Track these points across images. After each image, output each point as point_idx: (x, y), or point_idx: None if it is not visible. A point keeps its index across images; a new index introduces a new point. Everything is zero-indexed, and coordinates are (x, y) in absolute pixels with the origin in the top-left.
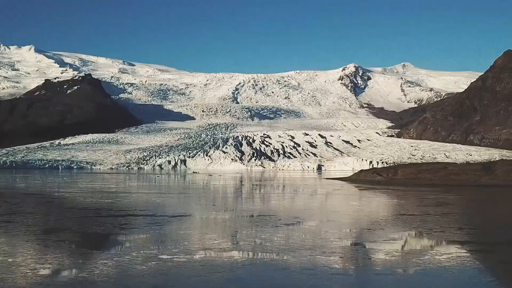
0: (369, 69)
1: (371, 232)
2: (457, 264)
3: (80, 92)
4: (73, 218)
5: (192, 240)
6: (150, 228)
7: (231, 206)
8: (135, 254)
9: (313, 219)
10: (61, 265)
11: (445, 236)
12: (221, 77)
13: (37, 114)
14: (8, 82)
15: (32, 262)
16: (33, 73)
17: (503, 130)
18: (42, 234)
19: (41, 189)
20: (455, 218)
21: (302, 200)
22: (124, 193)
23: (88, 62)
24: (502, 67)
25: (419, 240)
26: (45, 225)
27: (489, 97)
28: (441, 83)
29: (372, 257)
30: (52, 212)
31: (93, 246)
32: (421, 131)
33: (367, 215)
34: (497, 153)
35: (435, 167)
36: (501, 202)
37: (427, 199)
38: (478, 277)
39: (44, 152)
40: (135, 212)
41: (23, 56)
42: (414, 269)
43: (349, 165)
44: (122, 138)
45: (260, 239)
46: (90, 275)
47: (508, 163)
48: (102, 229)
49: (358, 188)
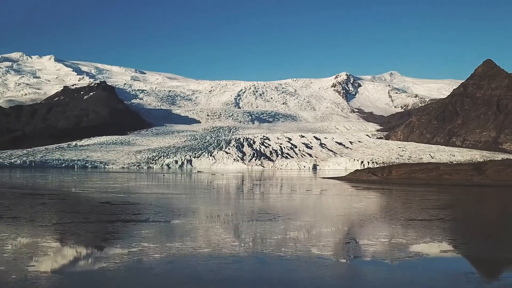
0: (359, 77)
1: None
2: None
3: (95, 98)
4: (91, 211)
5: (198, 232)
6: (160, 220)
7: (237, 202)
8: (146, 245)
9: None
10: (80, 252)
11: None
12: (225, 84)
13: (55, 118)
14: (30, 89)
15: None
16: (53, 80)
17: (483, 132)
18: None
19: (59, 186)
20: (470, 224)
21: (312, 208)
22: (135, 189)
23: (103, 70)
24: (482, 75)
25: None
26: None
27: (470, 103)
28: (425, 90)
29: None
30: (72, 204)
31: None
32: (408, 134)
33: (380, 218)
34: (478, 154)
35: (428, 167)
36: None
37: (429, 200)
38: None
39: (61, 152)
40: (146, 206)
41: (43, 65)
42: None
43: (342, 164)
44: (133, 139)
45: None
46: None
47: (497, 164)
48: (117, 217)
49: (357, 188)
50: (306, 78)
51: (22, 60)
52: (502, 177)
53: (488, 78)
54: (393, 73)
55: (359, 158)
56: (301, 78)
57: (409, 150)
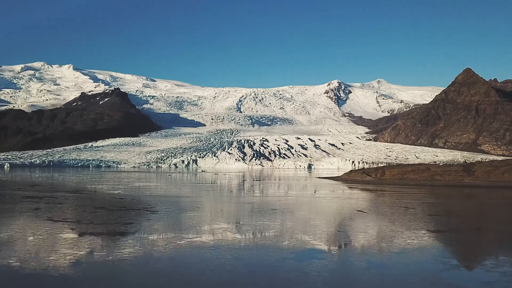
0: (350, 84)
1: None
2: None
3: (110, 103)
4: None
5: (203, 223)
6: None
7: (239, 198)
8: (156, 237)
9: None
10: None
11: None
12: (227, 91)
13: (73, 121)
14: (51, 95)
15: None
16: (71, 87)
17: (463, 135)
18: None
19: (78, 182)
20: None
21: (321, 219)
22: (146, 187)
23: (117, 78)
24: (462, 83)
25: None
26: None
27: (451, 108)
28: (410, 96)
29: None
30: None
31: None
32: (394, 136)
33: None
34: (459, 154)
35: (419, 168)
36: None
37: (434, 204)
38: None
39: (77, 153)
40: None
41: (63, 73)
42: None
43: (335, 164)
44: (144, 141)
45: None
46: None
47: (485, 165)
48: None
49: (354, 189)
50: (301, 85)
51: (44, 69)
52: (491, 178)
53: (468, 85)
54: (380, 80)
55: (350, 158)
56: (297, 85)
57: (396, 151)
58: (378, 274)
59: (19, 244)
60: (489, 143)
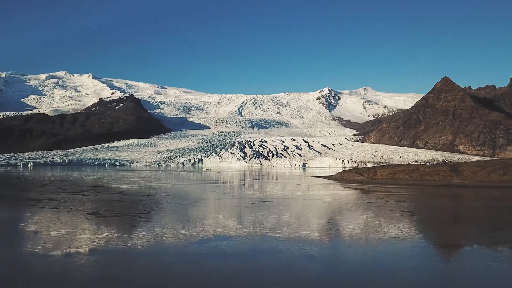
0: (339, 91)
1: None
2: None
3: (125, 108)
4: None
5: (206, 216)
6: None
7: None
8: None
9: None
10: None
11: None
12: (230, 97)
13: (92, 124)
14: (72, 101)
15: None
16: (91, 94)
17: (441, 137)
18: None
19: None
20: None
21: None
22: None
23: (131, 85)
24: (440, 90)
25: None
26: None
27: (431, 112)
28: (393, 102)
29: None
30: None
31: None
32: (379, 138)
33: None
34: (438, 154)
35: (409, 168)
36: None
37: (438, 207)
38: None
39: (95, 152)
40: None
41: (83, 81)
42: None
43: (326, 163)
44: (155, 142)
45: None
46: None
47: (472, 165)
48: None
49: (350, 188)
50: (296, 92)
51: (66, 77)
52: (479, 178)
53: (445, 92)
54: (367, 88)
55: (340, 158)
56: (292, 92)
57: (381, 151)
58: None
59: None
60: (465, 144)
